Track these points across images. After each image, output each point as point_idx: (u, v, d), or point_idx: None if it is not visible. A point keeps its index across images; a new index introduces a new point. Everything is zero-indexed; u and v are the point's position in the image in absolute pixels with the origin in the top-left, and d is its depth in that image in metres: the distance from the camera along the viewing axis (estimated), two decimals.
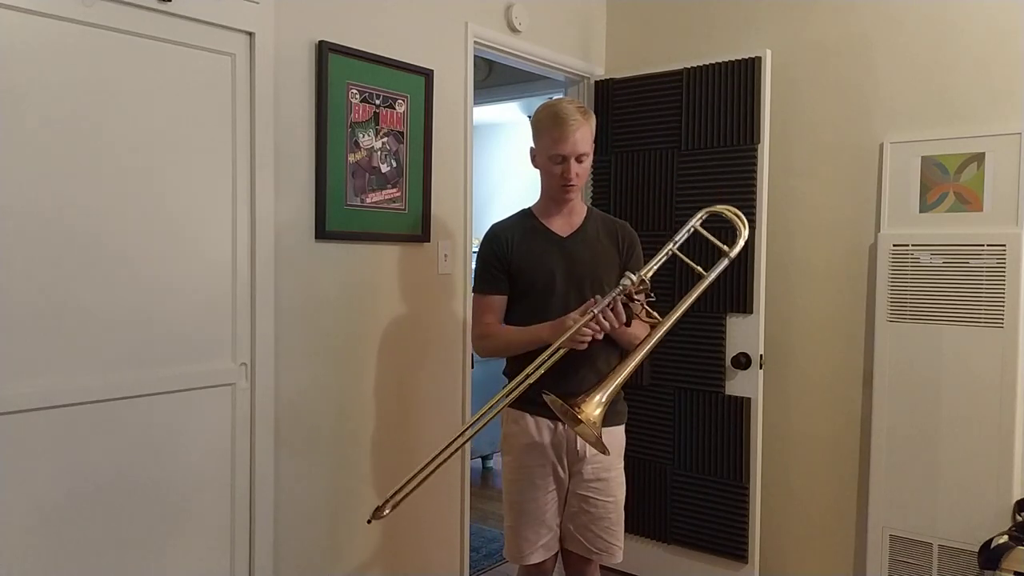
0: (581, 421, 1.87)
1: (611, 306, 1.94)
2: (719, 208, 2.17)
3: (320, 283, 2.39)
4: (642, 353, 1.99)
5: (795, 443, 3.04)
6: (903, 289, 2.71)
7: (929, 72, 2.72)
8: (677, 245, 2.09)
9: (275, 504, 2.28)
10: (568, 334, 1.90)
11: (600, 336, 1.94)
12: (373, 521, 1.86)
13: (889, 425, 2.74)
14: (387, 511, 1.83)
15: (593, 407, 1.88)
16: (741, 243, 2.10)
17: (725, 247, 2.11)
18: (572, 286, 2.11)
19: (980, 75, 2.63)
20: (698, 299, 2.09)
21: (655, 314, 2.02)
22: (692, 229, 2.13)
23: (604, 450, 1.92)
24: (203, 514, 2.13)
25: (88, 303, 1.88)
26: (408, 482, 1.83)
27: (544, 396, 1.90)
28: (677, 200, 3.08)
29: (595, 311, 1.91)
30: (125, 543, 1.97)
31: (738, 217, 2.15)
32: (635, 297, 1.97)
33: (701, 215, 2.16)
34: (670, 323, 2.02)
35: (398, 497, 1.83)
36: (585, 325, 1.90)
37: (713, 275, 2.10)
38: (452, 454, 1.88)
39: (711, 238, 2.15)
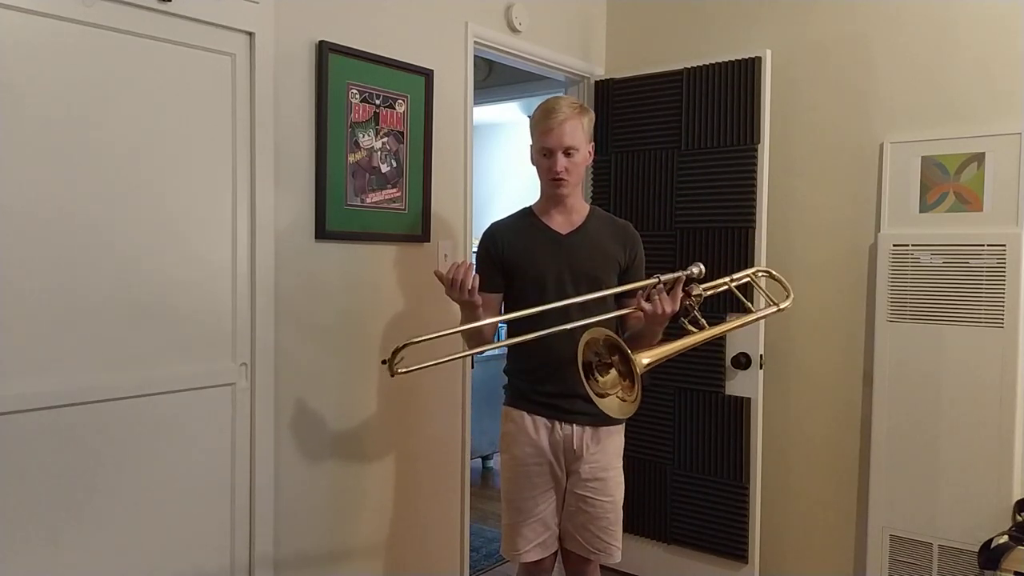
0: (631, 359, 1.71)
1: (669, 288, 1.91)
2: (774, 272, 2.25)
3: (320, 283, 2.39)
4: (694, 340, 1.90)
5: (795, 443, 3.04)
6: (903, 289, 2.71)
7: (929, 72, 2.72)
8: (736, 283, 2.12)
9: (275, 504, 2.28)
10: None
11: (661, 310, 1.88)
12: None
13: (889, 425, 2.74)
14: (402, 369, 1.78)
15: (644, 356, 1.74)
16: (788, 302, 2.14)
17: (773, 300, 2.15)
18: (569, 283, 2.10)
19: (980, 75, 2.63)
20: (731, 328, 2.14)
21: (703, 322, 1.96)
22: (748, 277, 2.18)
23: (630, 410, 1.78)
24: (203, 514, 2.13)
25: (88, 303, 1.88)
26: (414, 343, 1.79)
27: (598, 328, 1.77)
28: (677, 200, 3.08)
29: (660, 278, 1.88)
30: (124, 543, 1.97)
31: (788, 286, 2.20)
32: (693, 295, 1.93)
33: (757, 271, 2.25)
34: (717, 332, 1.98)
35: (412, 365, 1.79)
36: (645, 300, 1.89)
37: (761, 315, 2.15)
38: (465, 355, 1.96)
39: (763, 290, 2.20)
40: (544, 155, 2.10)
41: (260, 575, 2.24)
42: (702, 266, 1.96)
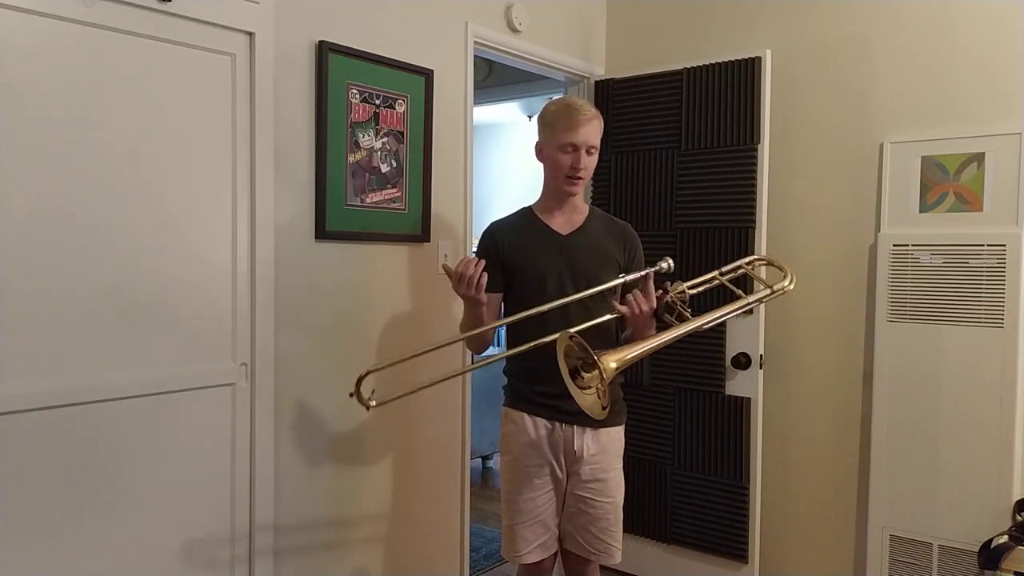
0: (598, 366, 1.72)
1: (641, 286, 1.93)
2: (771, 258, 2.23)
3: (320, 283, 2.39)
4: (669, 336, 1.88)
5: (795, 443, 3.04)
6: (903, 289, 2.71)
7: (929, 72, 2.72)
8: (726, 277, 2.10)
9: (275, 504, 2.28)
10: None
11: (639, 310, 1.91)
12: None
13: (889, 425, 2.74)
14: (373, 402, 1.76)
15: (611, 359, 1.75)
16: (788, 283, 2.10)
17: (768, 284, 2.11)
18: (569, 284, 2.10)
19: (980, 75, 2.63)
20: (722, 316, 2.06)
21: (688, 316, 1.96)
22: (741, 268, 2.15)
23: (600, 414, 1.79)
24: (203, 514, 2.13)
25: (88, 303, 1.88)
26: (393, 363, 1.79)
27: (563, 333, 1.78)
28: (677, 200, 3.08)
29: (626, 278, 1.92)
30: (125, 543, 1.97)
31: (786, 268, 2.16)
32: (669, 291, 1.95)
33: (753, 259, 2.24)
34: (699, 323, 1.94)
35: (387, 397, 1.77)
36: (622, 303, 1.91)
37: (753, 299, 2.08)
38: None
39: (756, 276, 2.18)
40: (566, 151, 2.08)
41: (260, 574, 2.24)
42: (670, 260, 1.98)
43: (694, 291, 2.01)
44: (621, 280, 1.95)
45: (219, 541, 2.17)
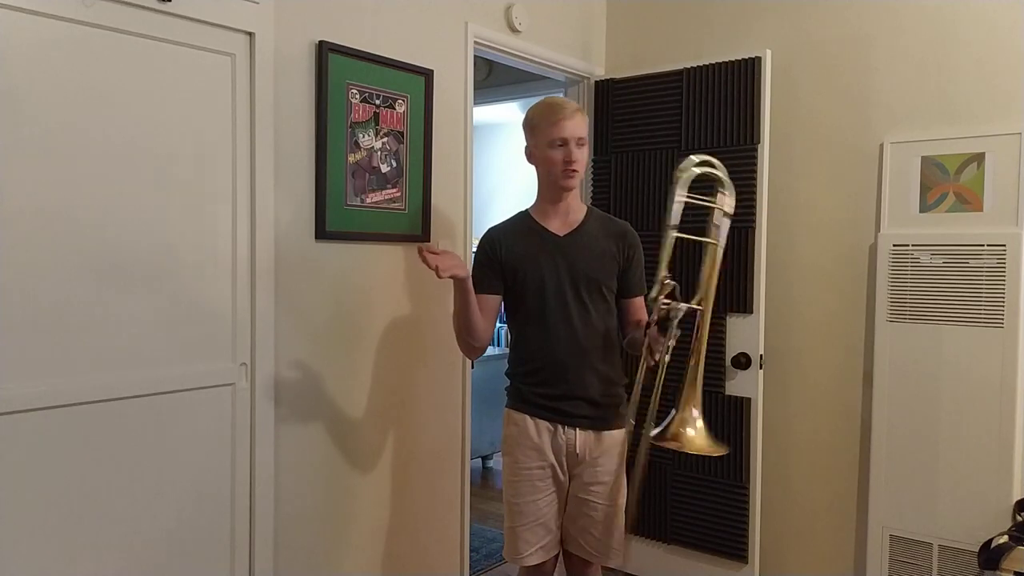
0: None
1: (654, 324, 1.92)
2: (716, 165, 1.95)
3: (320, 283, 2.39)
4: (703, 349, 1.93)
5: (795, 443, 3.03)
6: (903, 289, 2.71)
7: (929, 72, 2.72)
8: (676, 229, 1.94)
9: (275, 504, 2.28)
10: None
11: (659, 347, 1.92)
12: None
13: (889, 425, 2.74)
14: None
15: (699, 430, 1.93)
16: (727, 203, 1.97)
17: (718, 205, 1.96)
18: (569, 285, 2.11)
19: (980, 75, 2.63)
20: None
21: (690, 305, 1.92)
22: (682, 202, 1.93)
23: (721, 451, 1.94)
24: (203, 514, 2.13)
25: (88, 303, 1.88)
26: None
27: (654, 440, 1.89)
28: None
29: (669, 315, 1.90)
30: (124, 543, 1.97)
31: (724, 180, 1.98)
32: (670, 315, 1.94)
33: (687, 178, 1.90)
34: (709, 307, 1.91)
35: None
36: (655, 346, 1.92)
37: (722, 240, 1.97)
38: None
39: (700, 201, 1.95)
40: (557, 146, 2.08)
41: (260, 574, 2.24)
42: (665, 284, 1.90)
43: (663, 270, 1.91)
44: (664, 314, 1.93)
45: (219, 540, 2.17)
